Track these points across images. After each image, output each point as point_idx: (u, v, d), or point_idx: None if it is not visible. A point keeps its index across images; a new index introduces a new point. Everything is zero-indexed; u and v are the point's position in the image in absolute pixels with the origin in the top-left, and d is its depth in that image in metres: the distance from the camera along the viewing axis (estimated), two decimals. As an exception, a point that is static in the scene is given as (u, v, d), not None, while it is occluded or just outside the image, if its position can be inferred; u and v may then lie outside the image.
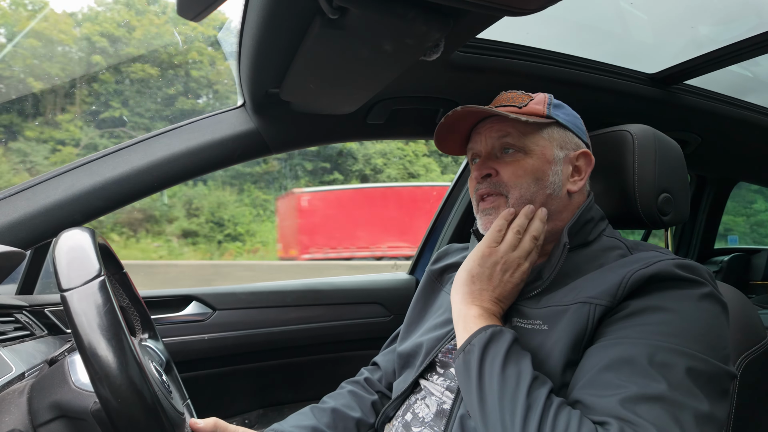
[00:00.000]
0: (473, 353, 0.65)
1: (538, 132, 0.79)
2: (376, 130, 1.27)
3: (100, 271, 0.49)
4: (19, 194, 0.94)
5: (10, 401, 0.58)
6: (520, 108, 0.80)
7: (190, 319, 1.35)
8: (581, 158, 0.82)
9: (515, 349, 0.64)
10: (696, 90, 1.41)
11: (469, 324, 0.69)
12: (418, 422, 0.79)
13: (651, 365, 0.57)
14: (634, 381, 0.57)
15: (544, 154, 0.79)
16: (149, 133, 1.06)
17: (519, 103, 0.81)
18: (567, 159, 0.81)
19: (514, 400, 0.58)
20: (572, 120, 0.83)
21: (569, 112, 0.84)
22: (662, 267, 0.65)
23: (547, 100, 0.82)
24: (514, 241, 0.74)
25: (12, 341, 0.87)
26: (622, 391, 0.56)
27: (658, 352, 0.58)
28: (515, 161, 0.79)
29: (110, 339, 0.45)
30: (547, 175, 0.79)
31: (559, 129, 0.81)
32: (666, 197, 0.89)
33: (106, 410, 0.45)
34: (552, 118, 0.80)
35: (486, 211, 0.81)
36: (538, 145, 0.79)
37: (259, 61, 0.88)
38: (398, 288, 1.68)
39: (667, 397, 0.55)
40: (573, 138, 0.82)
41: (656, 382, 0.56)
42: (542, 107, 0.80)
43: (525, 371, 0.61)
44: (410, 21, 0.64)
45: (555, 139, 0.80)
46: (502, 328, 0.67)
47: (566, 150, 0.81)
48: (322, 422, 0.89)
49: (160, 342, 0.89)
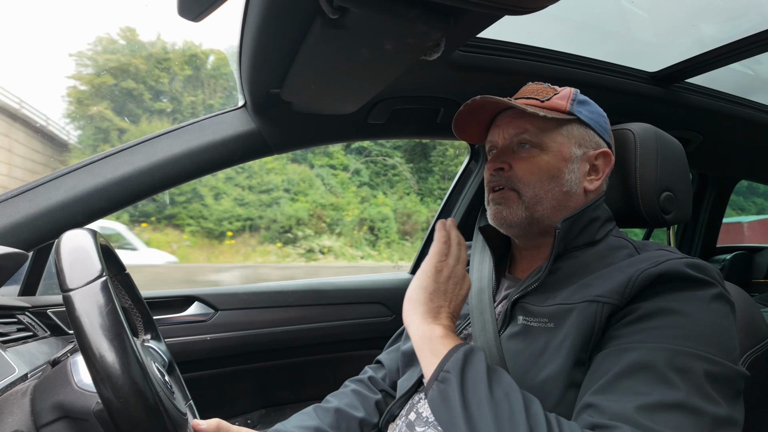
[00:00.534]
0: (451, 382, 0.59)
1: (557, 128, 0.78)
2: (378, 130, 1.27)
3: (102, 272, 0.49)
4: (21, 195, 0.94)
5: (13, 402, 0.58)
6: (542, 102, 0.79)
7: (193, 319, 1.36)
8: (600, 158, 0.81)
9: (492, 367, 0.60)
10: (698, 88, 1.41)
11: (436, 347, 0.64)
12: (421, 421, 0.79)
13: (668, 371, 0.56)
14: (652, 388, 0.55)
15: (561, 151, 0.78)
16: (150, 134, 1.06)
17: (542, 96, 0.80)
18: (585, 157, 0.80)
19: (514, 425, 0.54)
20: (595, 118, 0.82)
21: (594, 109, 0.82)
22: (671, 266, 0.64)
23: (571, 96, 0.80)
24: (458, 252, 0.73)
25: (15, 342, 0.87)
26: (639, 398, 0.55)
27: (675, 356, 0.57)
28: (530, 157, 0.78)
29: (112, 339, 0.45)
30: (563, 172, 0.78)
31: (579, 126, 0.80)
32: (668, 196, 0.88)
33: (108, 411, 0.45)
34: (573, 114, 0.79)
35: (496, 200, 0.81)
36: (555, 142, 0.78)
37: (260, 62, 0.88)
38: (400, 288, 1.68)
39: (686, 403, 0.54)
40: (594, 137, 0.81)
41: (674, 388, 0.55)
42: (565, 102, 0.79)
43: (511, 389, 0.57)
44: (411, 20, 0.64)
45: (574, 137, 0.79)
46: (471, 345, 0.63)
47: (585, 148, 0.80)
48: (326, 422, 0.89)
49: (162, 342, 0.89)
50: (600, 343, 0.65)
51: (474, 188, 1.64)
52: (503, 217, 0.79)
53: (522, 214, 0.78)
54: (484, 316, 0.78)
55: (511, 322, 0.75)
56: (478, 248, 0.92)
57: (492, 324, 0.76)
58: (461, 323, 0.84)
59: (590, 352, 0.64)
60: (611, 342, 0.63)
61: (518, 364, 0.69)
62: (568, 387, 0.64)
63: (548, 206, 0.78)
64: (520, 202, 0.78)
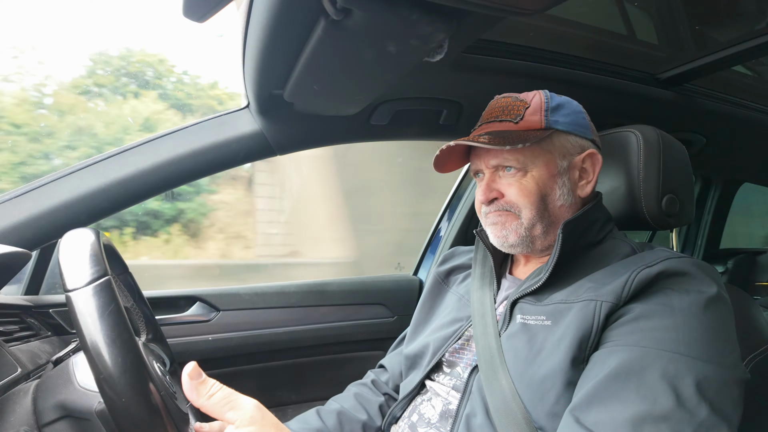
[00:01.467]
0: None
1: (538, 147, 0.77)
2: (380, 131, 1.27)
3: (105, 272, 0.50)
4: (25, 195, 0.95)
5: (16, 401, 0.58)
6: (515, 123, 0.77)
7: (195, 319, 1.36)
8: (587, 160, 0.80)
9: None
10: (701, 91, 1.40)
11: None
12: (424, 423, 0.78)
13: (659, 379, 0.55)
14: (642, 396, 0.55)
15: (548, 168, 0.77)
16: (154, 134, 1.07)
17: (514, 115, 0.78)
18: (572, 165, 0.79)
19: None
20: (573, 120, 0.79)
21: (569, 110, 0.80)
22: (668, 265, 0.64)
23: (543, 106, 0.78)
24: None
25: (17, 341, 0.87)
26: (628, 407, 0.55)
27: (668, 363, 0.56)
28: (518, 181, 0.77)
29: (115, 339, 0.45)
30: (554, 189, 0.77)
31: (559, 136, 0.78)
32: (671, 198, 0.88)
33: (110, 410, 0.45)
34: (550, 128, 0.77)
35: (495, 222, 0.80)
36: (539, 160, 0.77)
37: (263, 63, 0.88)
38: (402, 289, 1.68)
39: (674, 415, 0.53)
40: (576, 141, 0.79)
41: (664, 397, 0.54)
42: (539, 117, 0.77)
43: None
44: (414, 22, 0.63)
45: (556, 149, 0.78)
46: None
47: (570, 156, 0.79)
48: (328, 424, 0.89)
49: (164, 342, 0.89)
50: (598, 342, 0.65)
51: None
52: (504, 237, 0.79)
53: (522, 233, 0.78)
54: (485, 319, 0.78)
55: (511, 322, 0.75)
56: (479, 252, 0.92)
57: (493, 326, 0.76)
58: (463, 325, 0.84)
59: (588, 352, 0.64)
60: (607, 342, 0.63)
61: (518, 363, 0.69)
62: (567, 385, 0.63)
63: (547, 223, 0.78)
64: (519, 222, 0.78)
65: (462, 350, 0.82)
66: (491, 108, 0.82)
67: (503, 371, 0.69)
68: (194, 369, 0.50)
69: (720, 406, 0.55)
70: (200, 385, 0.50)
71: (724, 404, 0.56)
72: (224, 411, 0.50)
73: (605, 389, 0.57)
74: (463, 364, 0.80)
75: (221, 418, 0.50)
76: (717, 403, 0.55)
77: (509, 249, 0.82)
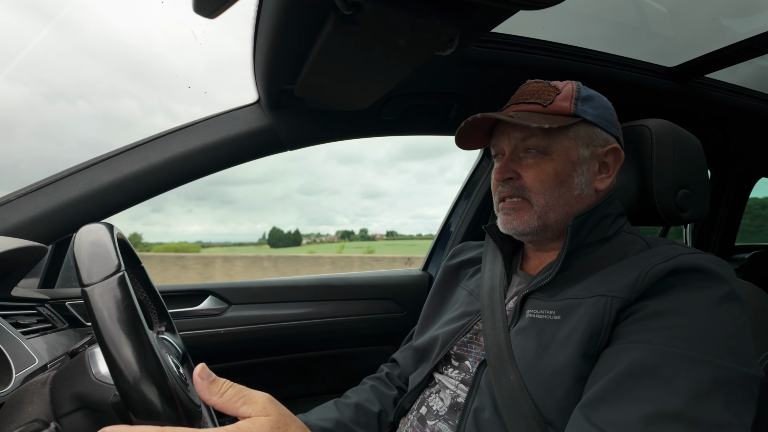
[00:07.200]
0: None
1: (563, 132, 0.76)
2: (390, 126, 1.27)
3: (120, 267, 0.50)
4: (41, 190, 0.96)
5: (34, 392, 0.59)
6: (544, 107, 0.77)
7: (206, 313, 1.37)
8: (610, 154, 0.79)
9: None
10: (717, 84, 1.38)
11: None
12: (432, 415, 0.79)
13: (671, 377, 0.54)
14: (653, 394, 0.54)
15: (569, 155, 0.77)
16: (165, 130, 1.08)
17: (544, 99, 0.78)
18: (594, 156, 0.78)
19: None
20: (601, 113, 0.79)
21: (599, 104, 0.80)
22: (681, 261, 0.63)
23: (574, 95, 0.78)
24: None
25: (35, 333, 0.89)
26: (638, 406, 0.54)
27: (680, 362, 0.55)
28: (537, 164, 0.77)
29: (130, 333, 0.46)
30: (572, 177, 0.77)
31: (586, 126, 0.78)
32: (685, 193, 0.87)
33: (125, 402, 0.46)
34: (578, 116, 0.77)
35: (506, 210, 0.80)
36: (562, 146, 0.76)
37: (274, 58, 0.88)
38: (411, 284, 1.68)
39: (686, 414, 0.52)
40: (601, 134, 0.79)
41: (676, 396, 0.53)
42: (569, 104, 0.77)
43: None
44: (425, 16, 0.63)
45: (581, 138, 0.77)
46: None
47: (593, 147, 0.78)
48: (346, 416, 0.90)
49: (176, 335, 0.90)
50: (609, 339, 0.64)
51: (486, 186, 1.63)
52: (514, 227, 0.79)
53: (534, 222, 0.77)
54: (495, 314, 0.78)
55: (521, 317, 0.75)
56: (490, 247, 0.92)
57: (502, 321, 0.76)
58: (472, 319, 0.84)
59: (599, 347, 0.63)
60: (619, 338, 0.62)
61: (526, 358, 0.69)
62: (577, 380, 0.63)
63: (561, 212, 0.77)
64: (532, 212, 0.77)
65: (470, 344, 0.82)
66: (522, 91, 0.82)
67: (512, 366, 0.69)
68: (203, 369, 0.51)
69: (733, 404, 0.54)
70: (211, 384, 0.51)
71: (737, 402, 0.54)
72: (238, 406, 0.50)
73: (616, 387, 0.57)
74: (472, 358, 0.80)
75: (235, 413, 0.51)
76: (730, 402, 0.53)
77: (520, 237, 0.81)
